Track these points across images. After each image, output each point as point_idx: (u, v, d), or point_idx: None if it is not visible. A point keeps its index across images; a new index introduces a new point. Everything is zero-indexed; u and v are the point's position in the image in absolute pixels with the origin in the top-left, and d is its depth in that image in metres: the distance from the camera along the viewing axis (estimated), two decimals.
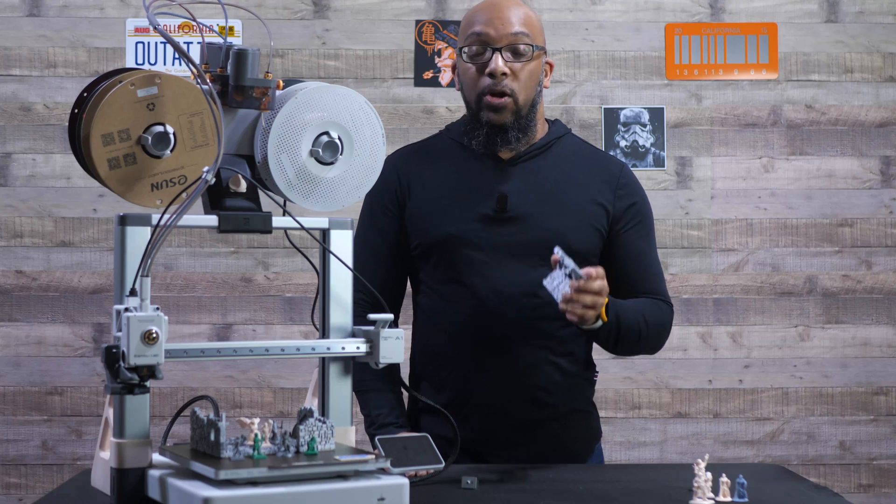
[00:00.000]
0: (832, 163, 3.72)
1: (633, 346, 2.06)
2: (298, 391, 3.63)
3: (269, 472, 1.40)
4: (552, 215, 2.07)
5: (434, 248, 2.09)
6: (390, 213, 2.14)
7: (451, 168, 2.13)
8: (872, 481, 3.70)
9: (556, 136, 2.16)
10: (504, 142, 2.08)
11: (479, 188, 2.09)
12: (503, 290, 2.04)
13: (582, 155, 2.17)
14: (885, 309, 3.71)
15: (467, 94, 2.11)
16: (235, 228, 1.55)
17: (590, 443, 2.19)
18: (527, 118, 2.09)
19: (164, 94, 1.51)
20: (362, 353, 1.62)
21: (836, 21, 3.74)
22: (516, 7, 2.09)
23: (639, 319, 2.04)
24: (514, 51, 2.06)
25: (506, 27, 2.05)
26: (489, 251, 2.06)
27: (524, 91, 2.07)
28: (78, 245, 3.61)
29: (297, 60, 3.65)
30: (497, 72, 2.03)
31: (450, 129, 2.21)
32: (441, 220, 2.08)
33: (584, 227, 2.09)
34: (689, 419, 3.68)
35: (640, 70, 3.71)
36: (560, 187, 2.10)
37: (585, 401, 2.18)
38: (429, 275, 2.12)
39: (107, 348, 1.38)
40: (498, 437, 2.08)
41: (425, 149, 2.20)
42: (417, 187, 2.13)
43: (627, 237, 2.13)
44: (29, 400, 3.60)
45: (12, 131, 3.61)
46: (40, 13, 3.62)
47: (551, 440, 2.10)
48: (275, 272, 3.63)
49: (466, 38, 2.08)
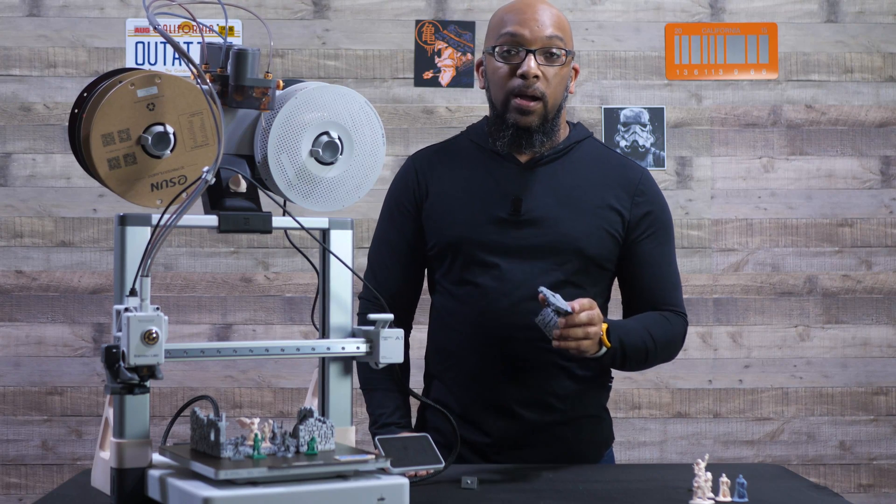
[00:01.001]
0: (832, 163, 3.72)
1: (641, 364, 2.07)
2: (298, 391, 3.63)
3: (269, 472, 1.40)
4: (566, 220, 2.06)
5: (448, 248, 2.10)
6: (408, 213, 2.15)
7: (468, 170, 2.13)
8: (872, 481, 3.70)
9: (576, 140, 2.15)
10: (529, 144, 2.08)
11: (495, 190, 2.09)
12: (514, 293, 2.04)
13: (601, 159, 2.15)
14: (885, 309, 3.71)
15: (494, 94, 2.10)
16: (235, 228, 1.55)
17: (600, 448, 2.18)
18: (552, 122, 2.08)
19: (164, 94, 1.51)
20: (362, 353, 1.62)
21: (836, 21, 3.74)
22: (550, 9, 2.08)
23: (644, 338, 2.04)
24: (548, 54, 2.04)
25: (541, 29, 2.03)
26: (502, 254, 2.06)
27: (553, 95, 2.06)
28: (78, 245, 3.61)
29: (297, 60, 3.65)
30: (530, 74, 2.02)
31: (470, 130, 2.21)
32: (456, 222, 2.09)
33: (597, 233, 2.07)
34: (689, 419, 3.68)
35: (640, 70, 3.71)
36: (576, 192, 2.09)
37: (598, 406, 2.17)
38: (443, 275, 2.12)
39: (107, 348, 1.38)
40: (506, 439, 2.07)
41: (445, 149, 2.20)
42: (435, 188, 2.13)
43: (644, 246, 2.12)
44: (29, 400, 3.60)
45: (12, 131, 3.61)
46: (40, 13, 3.62)
47: (561, 444, 2.09)
48: (275, 272, 3.63)
49: (499, 38, 2.06)
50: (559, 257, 2.05)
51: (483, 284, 2.05)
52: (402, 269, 2.16)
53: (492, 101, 2.11)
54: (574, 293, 2.00)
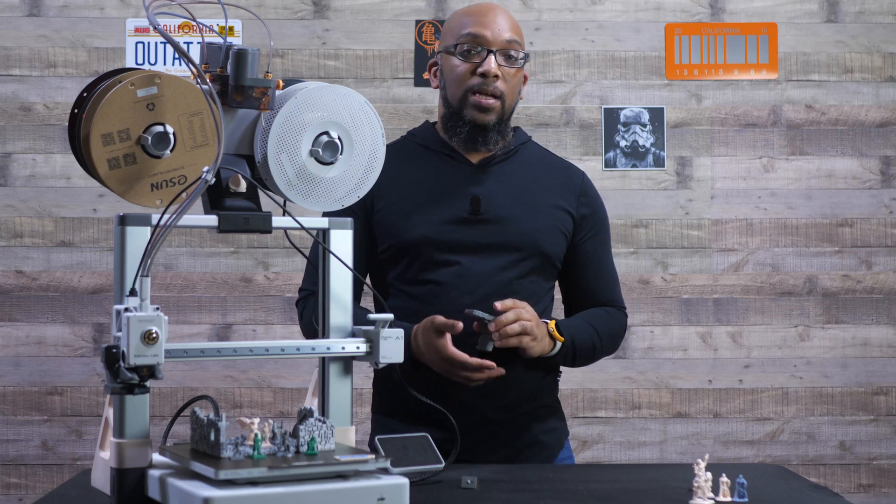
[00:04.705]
0: (832, 163, 3.72)
1: (589, 359, 2.17)
2: (298, 391, 3.63)
3: (269, 472, 1.40)
4: (524, 218, 2.13)
5: (407, 249, 2.12)
6: (357, 217, 2.14)
7: (421, 171, 2.17)
8: (872, 481, 3.70)
9: (520, 142, 2.23)
10: (484, 142, 2.15)
11: (451, 191, 2.14)
12: (477, 289, 2.08)
13: (545, 161, 2.25)
14: (885, 309, 3.71)
15: (451, 92, 2.15)
16: (235, 228, 1.54)
17: (561, 437, 2.22)
18: (506, 122, 2.17)
19: (163, 94, 1.51)
20: (362, 353, 1.62)
21: (836, 21, 3.74)
22: (507, 14, 2.17)
23: (591, 333, 2.14)
24: (507, 55, 2.13)
25: (501, 32, 2.12)
26: (462, 252, 2.10)
27: (510, 95, 2.15)
28: (78, 245, 3.61)
29: (297, 60, 3.65)
30: (491, 73, 2.10)
31: (414, 134, 2.26)
32: (414, 223, 2.11)
33: (553, 231, 2.16)
34: (689, 419, 3.68)
35: (640, 70, 3.71)
36: (529, 192, 2.16)
37: (551, 397, 2.23)
38: (398, 277, 2.15)
39: (107, 348, 1.38)
40: (470, 436, 2.07)
41: (391, 153, 2.20)
42: (387, 191, 2.14)
43: (588, 246, 2.21)
44: (29, 400, 3.60)
45: (12, 131, 3.61)
46: (40, 13, 3.62)
47: (522, 436, 2.13)
48: (275, 272, 3.63)
49: (459, 37, 2.13)
50: (519, 254, 2.11)
51: (445, 282, 2.09)
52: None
53: (447, 99, 2.16)
54: (531, 289, 2.11)
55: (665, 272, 3.69)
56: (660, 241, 3.69)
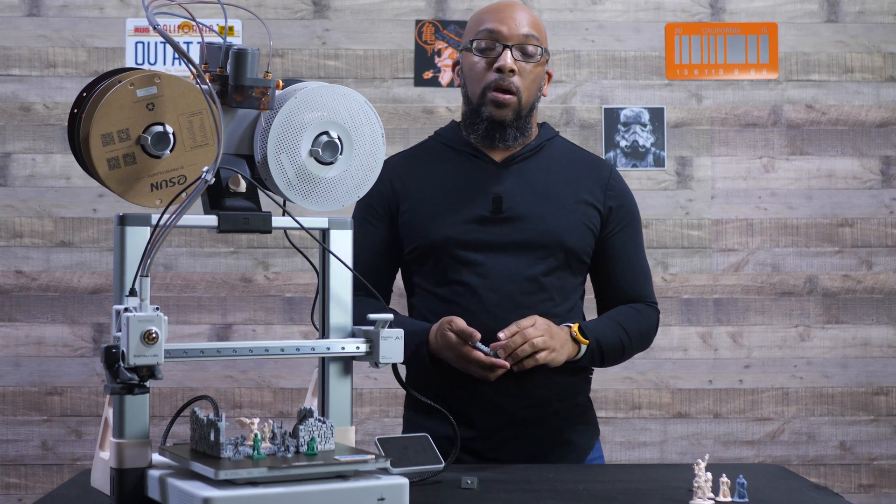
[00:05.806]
0: (832, 163, 3.72)
1: (618, 359, 2.16)
2: (298, 391, 3.62)
3: (269, 472, 1.40)
4: (547, 215, 2.11)
5: (431, 250, 2.12)
6: (381, 218, 2.17)
7: (445, 171, 2.17)
8: (873, 481, 3.70)
9: (546, 139, 2.21)
10: (502, 138, 2.13)
11: (473, 190, 2.13)
12: (501, 288, 2.08)
13: (571, 156, 2.23)
14: (885, 309, 3.71)
15: (471, 89, 2.15)
16: (235, 228, 1.54)
17: (591, 439, 2.21)
18: (525, 119, 2.15)
19: (163, 94, 1.51)
20: (362, 353, 1.62)
21: (836, 21, 3.73)
22: (526, 10, 2.16)
23: (619, 333, 2.13)
24: (524, 51, 2.12)
25: (518, 27, 2.11)
26: (486, 251, 2.10)
27: (528, 91, 2.13)
28: (78, 245, 3.61)
29: (297, 60, 3.65)
30: (506, 67, 2.09)
31: (439, 134, 2.26)
32: (438, 223, 2.11)
33: (578, 227, 2.14)
34: (690, 419, 3.68)
35: (641, 70, 3.71)
36: (553, 188, 2.15)
37: (583, 395, 2.21)
38: (424, 277, 2.15)
39: (107, 348, 1.38)
40: (498, 434, 2.08)
41: (417, 155, 2.24)
42: (412, 193, 2.16)
43: (617, 240, 2.19)
44: (29, 400, 3.60)
45: (12, 131, 3.61)
46: (40, 13, 3.62)
47: (552, 436, 2.12)
48: (275, 272, 3.63)
49: (477, 34, 2.13)
50: (542, 251, 2.10)
51: (470, 282, 2.08)
52: (372, 273, 2.12)
53: (468, 96, 2.17)
54: (558, 286, 2.11)
55: (665, 272, 3.68)
56: (660, 241, 3.69)
